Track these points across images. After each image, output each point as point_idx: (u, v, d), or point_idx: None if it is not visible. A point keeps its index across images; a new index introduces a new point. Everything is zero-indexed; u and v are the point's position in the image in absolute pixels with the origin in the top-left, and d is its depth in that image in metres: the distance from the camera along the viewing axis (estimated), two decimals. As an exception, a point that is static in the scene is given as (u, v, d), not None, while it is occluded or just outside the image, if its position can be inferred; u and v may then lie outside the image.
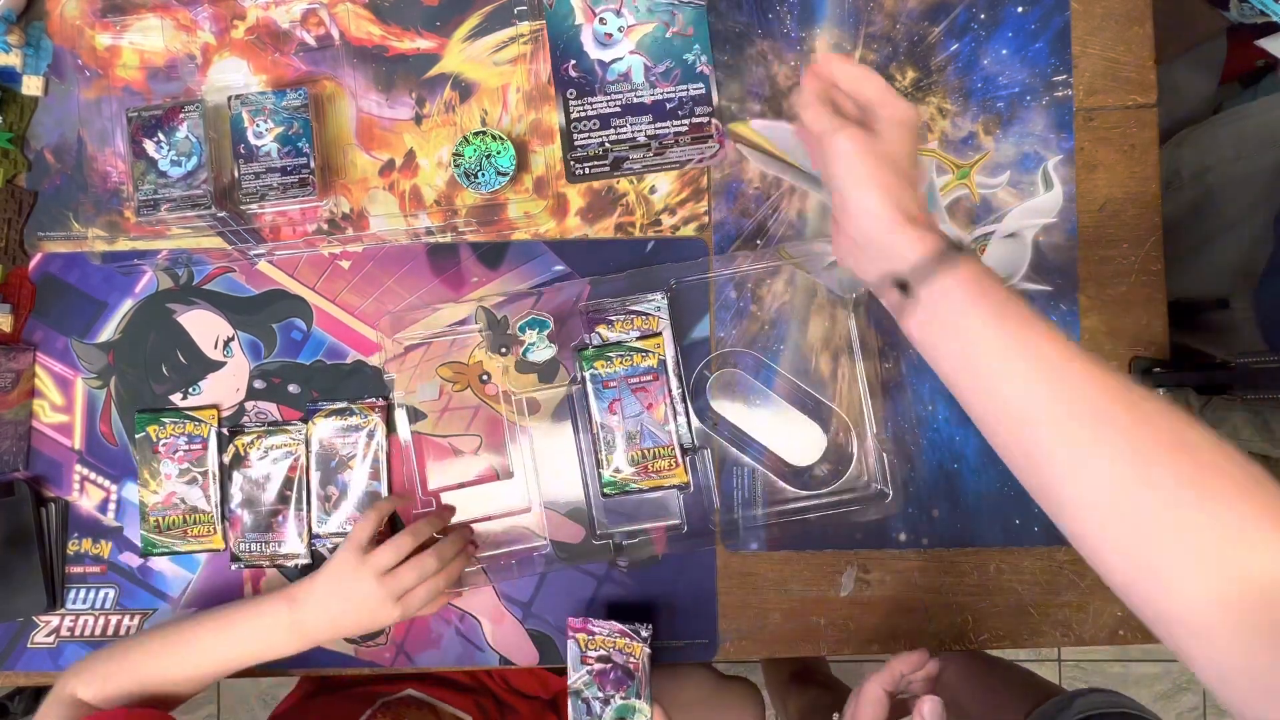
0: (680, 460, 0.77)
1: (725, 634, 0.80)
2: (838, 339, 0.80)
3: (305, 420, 0.80)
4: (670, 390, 0.78)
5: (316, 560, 0.80)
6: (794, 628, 0.80)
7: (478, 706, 0.87)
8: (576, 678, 0.75)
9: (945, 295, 0.51)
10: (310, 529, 0.80)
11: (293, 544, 0.80)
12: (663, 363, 0.78)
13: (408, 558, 0.71)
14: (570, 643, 0.75)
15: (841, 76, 0.59)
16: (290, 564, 0.80)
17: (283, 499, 0.80)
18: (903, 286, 0.54)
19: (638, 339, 0.78)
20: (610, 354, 0.78)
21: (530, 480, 0.80)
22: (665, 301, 0.78)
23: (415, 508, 0.79)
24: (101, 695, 0.69)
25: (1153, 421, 0.45)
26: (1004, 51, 0.79)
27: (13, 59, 0.79)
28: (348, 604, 0.70)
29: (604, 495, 0.78)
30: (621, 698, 0.75)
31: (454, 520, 0.79)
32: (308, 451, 0.80)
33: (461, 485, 0.80)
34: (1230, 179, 0.89)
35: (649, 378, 0.78)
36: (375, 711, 0.79)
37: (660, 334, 0.78)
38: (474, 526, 0.79)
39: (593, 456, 0.78)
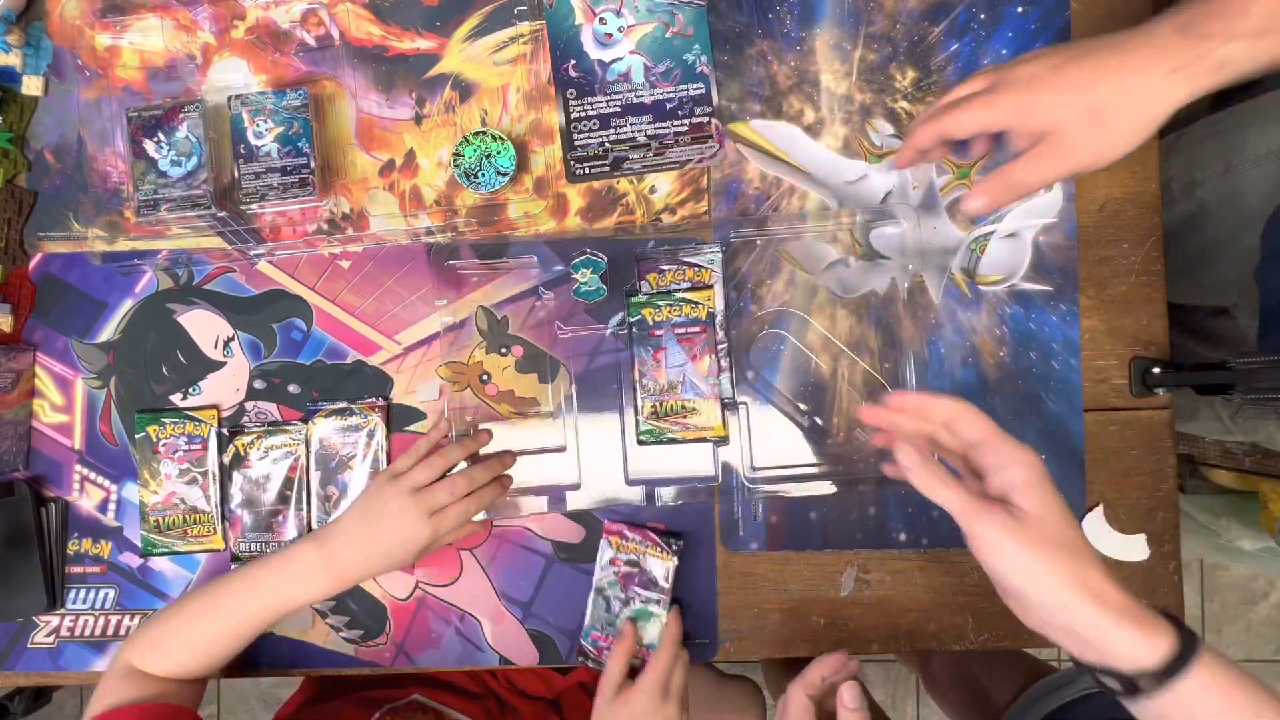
0: (720, 415, 0.77)
1: (725, 634, 0.80)
2: (838, 339, 0.80)
3: (305, 420, 0.80)
4: (716, 344, 0.77)
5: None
6: (794, 628, 0.80)
7: (484, 711, 0.87)
8: (601, 576, 0.78)
9: (1187, 698, 0.49)
10: (310, 529, 0.80)
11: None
12: (711, 315, 0.77)
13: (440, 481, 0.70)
14: (603, 542, 0.78)
15: (939, 414, 0.58)
16: None
17: (283, 499, 0.80)
18: (1128, 684, 0.50)
19: (688, 290, 0.77)
20: (659, 302, 0.77)
21: (567, 419, 0.80)
22: (720, 255, 0.78)
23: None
24: (154, 663, 0.70)
25: None
26: (1004, 51, 0.79)
27: (13, 59, 0.79)
28: (379, 525, 0.69)
29: (639, 443, 0.78)
30: (641, 602, 0.78)
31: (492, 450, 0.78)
32: (308, 451, 0.80)
33: (499, 419, 0.80)
34: (1222, 194, 0.88)
35: (696, 329, 0.77)
36: (381, 716, 0.79)
37: (711, 286, 0.78)
38: (512, 452, 0.78)
39: (631, 403, 0.78)
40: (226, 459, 0.80)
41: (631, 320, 0.77)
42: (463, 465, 0.75)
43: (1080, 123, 0.57)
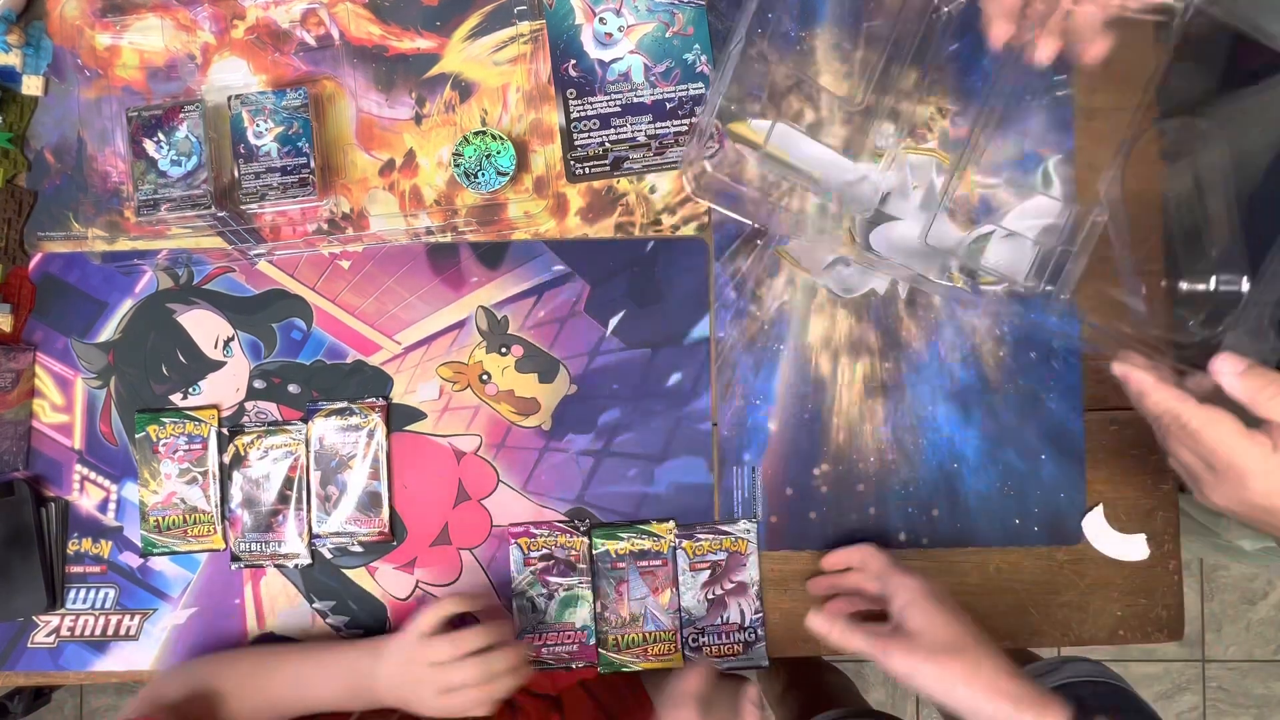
0: (680, 645, 0.79)
1: (725, 634, 0.80)
2: (838, 339, 0.80)
3: (305, 420, 0.80)
4: (676, 579, 0.79)
5: (317, 560, 0.80)
6: (793, 628, 0.80)
7: None
8: (520, 580, 0.79)
9: None
10: (310, 529, 0.80)
11: (293, 544, 0.80)
12: (673, 549, 0.79)
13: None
14: (512, 548, 0.79)
15: (854, 561, 0.74)
16: (290, 564, 0.80)
17: (283, 499, 0.80)
18: None
19: (651, 523, 0.79)
20: (621, 534, 0.79)
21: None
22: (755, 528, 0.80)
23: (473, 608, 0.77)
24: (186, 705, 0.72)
25: None
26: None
27: (13, 59, 0.79)
28: (404, 677, 0.72)
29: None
30: (565, 589, 0.79)
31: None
32: (308, 451, 0.80)
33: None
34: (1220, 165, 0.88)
35: (658, 562, 0.79)
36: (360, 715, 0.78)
37: (671, 520, 0.79)
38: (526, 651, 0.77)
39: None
40: (226, 459, 0.80)
41: (595, 553, 0.79)
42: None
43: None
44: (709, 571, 0.78)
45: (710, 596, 0.79)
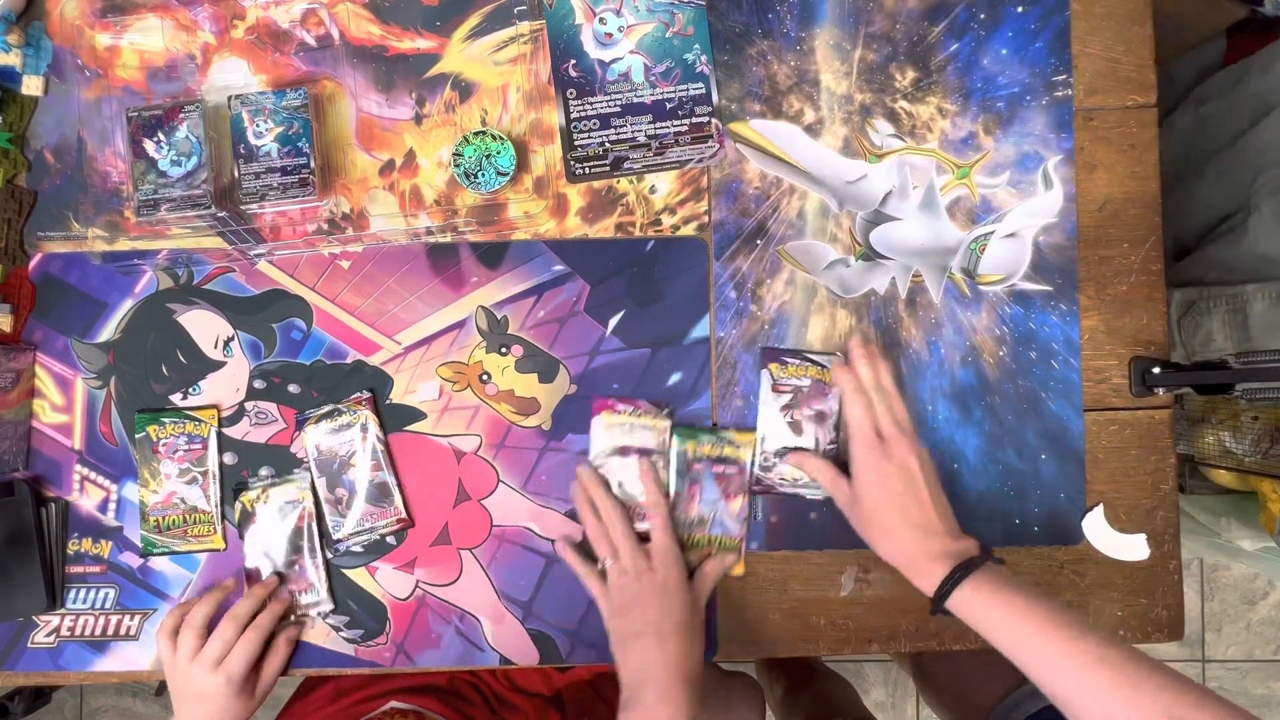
0: (742, 556, 0.79)
1: (725, 634, 0.80)
2: (838, 339, 0.80)
3: (297, 428, 0.80)
4: (750, 488, 0.79)
5: (340, 607, 0.80)
6: (794, 628, 0.80)
7: (476, 712, 0.86)
8: (598, 452, 0.79)
9: (963, 605, 0.67)
10: (327, 563, 0.79)
11: (312, 594, 0.79)
12: (752, 461, 0.78)
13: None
14: (595, 421, 0.79)
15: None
16: (314, 612, 0.80)
17: (295, 549, 0.79)
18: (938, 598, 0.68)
19: (735, 431, 0.79)
20: (703, 437, 0.78)
21: None
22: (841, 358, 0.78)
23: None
24: None
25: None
26: (1004, 51, 0.79)
27: (13, 59, 0.79)
28: (185, 695, 0.75)
29: None
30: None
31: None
32: (308, 459, 0.80)
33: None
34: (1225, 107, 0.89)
35: (734, 470, 0.78)
36: None
37: (754, 430, 0.79)
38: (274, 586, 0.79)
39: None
40: (234, 517, 0.80)
41: (676, 451, 0.78)
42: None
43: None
44: (790, 395, 0.78)
45: (789, 420, 0.78)
